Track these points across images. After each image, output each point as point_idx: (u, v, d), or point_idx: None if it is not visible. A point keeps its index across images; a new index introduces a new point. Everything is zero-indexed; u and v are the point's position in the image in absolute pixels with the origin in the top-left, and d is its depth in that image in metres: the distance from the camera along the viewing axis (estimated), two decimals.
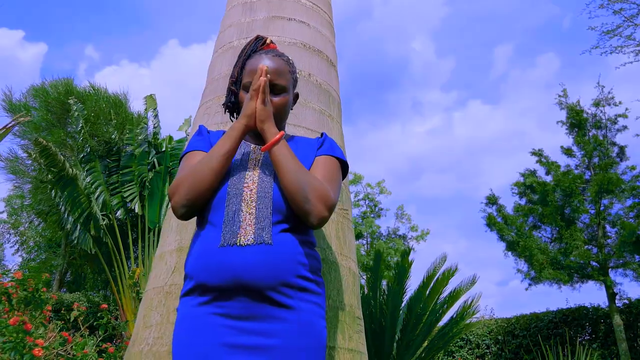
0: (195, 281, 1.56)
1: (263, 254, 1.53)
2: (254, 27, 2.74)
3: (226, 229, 1.57)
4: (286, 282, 1.54)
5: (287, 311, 1.53)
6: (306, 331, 1.55)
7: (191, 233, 2.31)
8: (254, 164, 1.72)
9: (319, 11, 2.95)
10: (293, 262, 1.57)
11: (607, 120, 13.64)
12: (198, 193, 1.60)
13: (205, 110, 2.62)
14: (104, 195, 11.83)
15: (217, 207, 1.62)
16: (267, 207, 1.61)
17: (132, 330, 9.78)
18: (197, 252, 1.60)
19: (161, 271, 2.33)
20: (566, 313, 13.72)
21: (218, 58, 2.79)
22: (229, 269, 1.51)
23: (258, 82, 1.68)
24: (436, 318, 5.55)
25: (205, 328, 1.50)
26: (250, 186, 1.64)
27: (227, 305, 1.51)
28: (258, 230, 1.56)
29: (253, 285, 1.50)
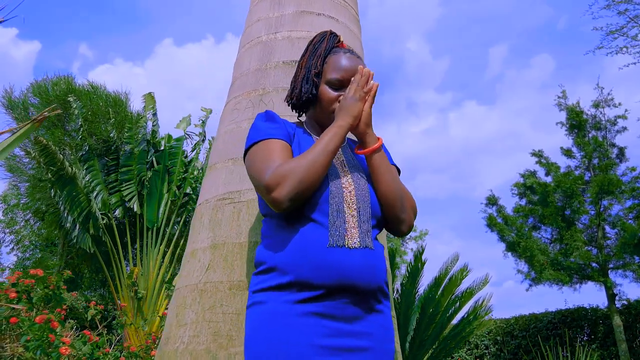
0: (293, 277, 1.51)
1: (368, 258, 1.55)
2: (283, 21, 2.71)
3: (333, 229, 1.55)
4: (381, 288, 1.59)
5: (377, 315, 1.58)
6: (389, 336, 1.61)
7: (225, 230, 2.27)
8: (342, 165, 1.71)
9: (346, 6, 2.92)
10: (384, 269, 1.61)
11: (607, 122, 13.70)
12: (307, 188, 1.53)
13: (234, 106, 2.58)
14: (103, 194, 11.78)
15: (319, 205, 1.58)
16: (366, 210, 1.62)
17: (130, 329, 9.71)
18: (297, 249, 1.55)
19: (194, 269, 2.29)
20: (565, 314, 13.77)
21: (246, 53, 2.76)
22: (338, 270, 1.50)
23: (370, 86, 1.67)
24: (448, 317, 5.54)
25: (303, 327, 1.47)
26: (348, 187, 1.63)
27: (329, 305, 1.50)
28: (362, 234, 1.57)
29: (360, 287, 1.52)
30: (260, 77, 2.56)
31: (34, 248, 20.32)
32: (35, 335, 2.72)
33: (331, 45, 1.85)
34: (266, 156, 1.62)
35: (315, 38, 1.90)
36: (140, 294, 10.86)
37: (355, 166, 1.72)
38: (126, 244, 12.30)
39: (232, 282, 2.15)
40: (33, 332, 2.75)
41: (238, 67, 2.78)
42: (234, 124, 2.49)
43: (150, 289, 11.09)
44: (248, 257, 2.18)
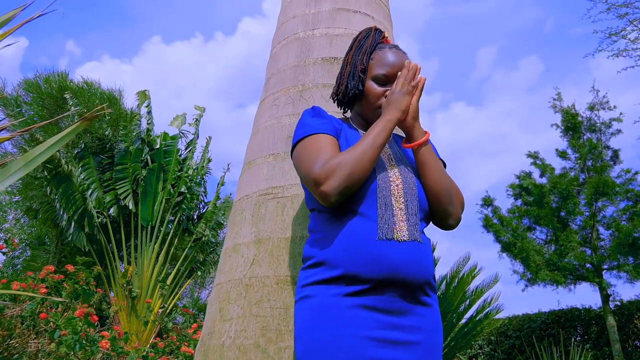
0: (342, 270, 1.52)
1: (417, 251, 1.55)
2: (320, 18, 2.72)
3: (381, 222, 1.55)
4: (429, 281, 1.59)
5: (426, 309, 1.58)
6: (438, 329, 1.61)
7: (268, 225, 2.27)
8: (389, 159, 1.71)
9: (380, 4, 2.93)
10: (431, 263, 1.62)
11: (602, 124, 13.84)
12: (355, 182, 1.53)
13: (273, 102, 2.58)
14: (98, 192, 11.70)
15: (367, 198, 1.59)
16: (414, 204, 1.62)
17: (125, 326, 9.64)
18: (345, 242, 1.55)
19: (237, 263, 2.29)
20: (559, 314, 13.89)
21: (283, 49, 2.76)
22: (387, 263, 1.50)
23: (417, 79, 1.68)
24: (458, 316, 5.57)
25: (352, 319, 1.47)
26: (396, 181, 1.64)
27: (378, 298, 1.50)
28: (410, 227, 1.57)
29: (409, 281, 1.52)
30: (299, 74, 2.57)
31: (24, 246, 20.10)
32: (72, 329, 2.68)
33: (376, 41, 1.86)
34: (315, 150, 1.63)
35: (360, 34, 1.91)
36: (134, 293, 10.79)
37: (402, 160, 1.73)
38: (120, 242, 12.22)
39: (279, 277, 2.16)
40: (71, 327, 2.71)
41: (274, 63, 2.78)
42: (274, 119, 2.49)
43: (144, 287, 11.03)
44: (294, 252, 2.18)
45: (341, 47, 2.60)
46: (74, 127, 2.40)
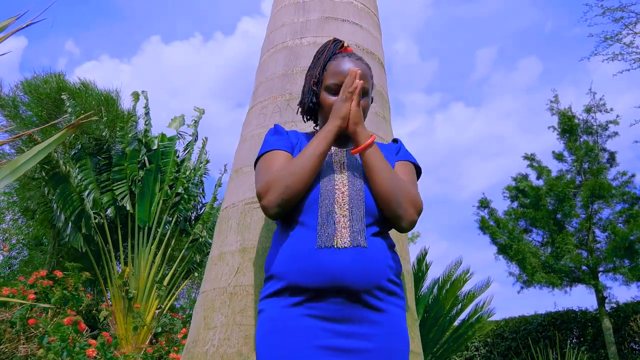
0: (286, 282, 1.55)
1: (359, 257, 1.53)
2: (309, 27, 2.73)
3: (322, 230, 1.56)
4: (380, 286, 1.56)
5: (378, 314, 1.54)
6: (394, 334, 1.57)
7: (254, 234, 2.29)
8: (340, 166, 1.71)
9: (369, 12, 2.95)
10: (384, 266, 1.59)
11: (598, 127, 13.87)
12: (293, 193, 1.58)
13: (260, 110, 2.60)
14: (95, 193, 11.71)
15: (308, 208, 1.61)
16: (360, 209, 1.61)
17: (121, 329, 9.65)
18: (287, 253, 1.58)
19: (222, 272, 2.30)
20: (555, 316, 13.91)
21: (271, 57, 2.77)
22: (327, 271, 1.50)
23: (354, 85, 1.68)
24: (450, 320, 5.59)
25: (298, 329, 1.49)
26: (342, 188, 1.64)
27: (321, 307, 1.51)
28: (353, 233, 1.56)
29: (350, 287, 1.50)
30: (286, 82, 2.58)
31: (21, 247, 20.10)
32: (60, 336, 2.71)
33: (332, 52, 1.88)
34: (264, 168, 1.70)
35: (320, 47, 1.94)
36: (131, 294, 10.80)
37: (355, 167, 1.73)
38: (117, 243, 12.23)
39: (262, 286, 2.17)
40: (59, 334, 2.73)
41: (262, 71, 2.79)
42: (262, 128, 2.51)
43: (141, 288, 11.03)
44: None
45: None
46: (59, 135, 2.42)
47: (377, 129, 2.57)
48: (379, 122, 2.61)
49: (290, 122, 2.45)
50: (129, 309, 10.67)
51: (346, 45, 1.96)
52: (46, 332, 2.79)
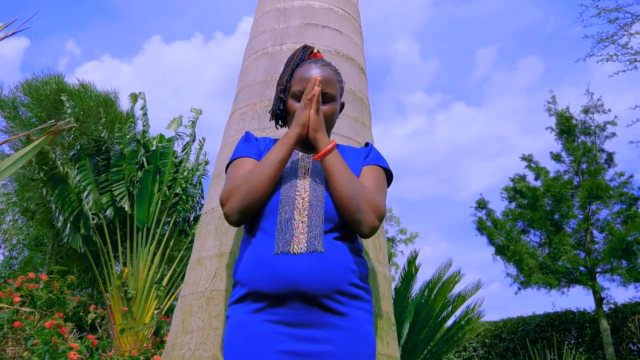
0: (248, 288, 1.58)
1: (316, 262, 1.55)
2: (289, 33, 2.75)
3: (279, 237, 1.59)
4: (339, 290, 1.57)
5: (340, 318, 1.56)
6: (358, 337, 1.57)
7: (231, 239, 2.32)
8: (304, 172, 1.74)
9: (350, 19, 2.97)
10: (345, 270, 1.60)
11: (596, 127, 13.87)
12: (253, 200, 1.61)
13: (240, 117, 2.62)
14: (94, 194, 11.75)
15: (269, 214, 1.64)
16: (319, 215, 1.63)
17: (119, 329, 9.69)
18: (249, 260, 1.62)
19: (200, 276, 2.33)
20: (553, 317, 13.92)
21: (251, 64, 2.80)
22: (283, 277, 1.53)
23: (312, 91, 1.70)
24: (440, 322, 5.61)
25: (260, 335, 1.52)
26: (302, 194, 1.66)
27: (282, 312, 1.53)
28: (311, 239, 1.58)
29: (307, 292, 1.52)
30: (266, 89, 2.61)
31: (22, 247, 20.18)
32: (43, 339, 2.74)
33: (300, 59, 1.91)
34: (230, 175, 1.75)
35: (291, 54, 1.97)
36: (130, 294, 10.84)
37: (320, 173, 1.74)
38: (116, 243, 12.27)
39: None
40: (42, 337, 2.77)
41: (243, 77, 2.82)
42: (240, 133, 2.53)
43: (140, 289, 11.08)
44: None
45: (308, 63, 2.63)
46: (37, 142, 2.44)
47: (356, 134, 2.60)
48: (357, 127, 2.63)
49: (269, 128, 2.48)
50: (128, 309, 10.71)
51: (316, 51, 1.98)
52: (31, 335, 2.83)
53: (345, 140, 2.53)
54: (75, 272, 15.56)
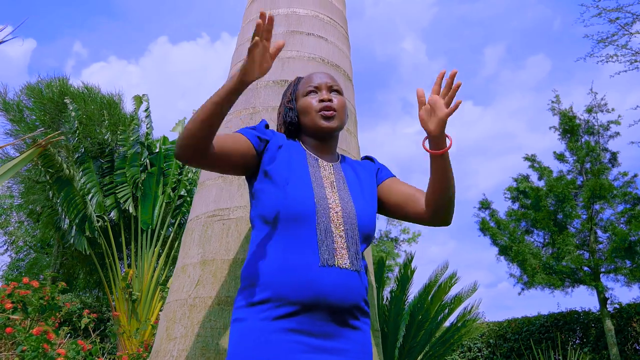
0: (272, 293, 1.55)
1: (350, 278, 1.60)
2: (274, 41, 2.77)
3: (322, 248, 1.59)
4: (358, 306, 1.62)
5: (354, 332, 1.61)
6: (366, 351, 1.64)
7: (214, 247, 2.34)
8: (330, 184, 1.74)
9: (335, 25, 2.99)
10: (363, 287, 1.66)
11: (600, 127, 13.82)
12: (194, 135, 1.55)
13: (225, 124, 2.63)
14: (98, 196, 11.83)
15: (303, 221, 1.62)
16: (354, 232, 1.67)
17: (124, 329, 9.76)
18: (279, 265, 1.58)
19: (184, 284, 2.36)
20: (557, 317, 13.87)
21: None
22: (318, 288, 1.54)
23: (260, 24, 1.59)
24: (437, 324, 5.62)
25: (279, 344, 1.51)
26: (335, 208, 1.67)
27: (306, 321, 1.54)
28: (351, 256, 1.62)
29: (337, 305, 1.56)
30: (250, 96, 2.63)
31: (28, 249, 20.32)
32: (31, 346, 2.79)
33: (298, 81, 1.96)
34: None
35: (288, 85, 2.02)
36: (134, 296, 10.92)
37: (343, 185, 1.76)
38: (121, 245, 12.35)
39: (220, 298, 2.22)
40: (29, 343, 2.82)
41: None
42: None
43: (144, 290, 11.15)
44: (236, 274, 2.24)
45: (293, 70, 2.66)
46: (27, 154, 2.48)
47: (342, 141, 2.61)
48: (343, 135, 2.65)
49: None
50: (133, 311, 10.79)
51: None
52: (17, 341, 2.87)
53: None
54: (81, 274, 15.68)
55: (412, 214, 1.82)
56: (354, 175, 1.86)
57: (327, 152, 1.86)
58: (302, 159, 1.77)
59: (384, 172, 1.93)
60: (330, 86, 1.87)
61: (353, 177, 1.84)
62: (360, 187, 1.81)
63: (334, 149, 1.90)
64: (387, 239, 22.89)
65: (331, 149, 1.88)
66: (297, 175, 1.70)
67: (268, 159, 1.75)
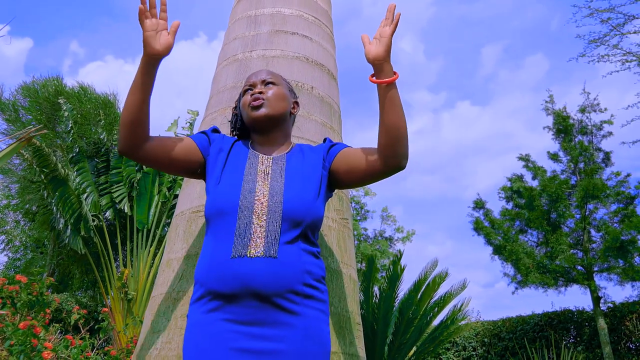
0: (205, 288, 1.65)
1: (270, 265, 1.62)
2: (259, 40, 2.82)
3: (237, 240, 1.65)
4: (292, 290, 1.63)
5: (293, 317, 1.62)
6: (311, 336, 1.63)
7: (198, 241, 2.39)
8: (264, 176, 1.79)
9: (320, 25, 3.04)
10: (299, 271, 1.66)
11: (593, 127, 13.88)
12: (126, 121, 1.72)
13: (210, 122, 2.69)
14: (93, 195, 11.84)
15: (226, 217, 1.71)
16: (276, 220, 1.69)
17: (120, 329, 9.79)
18: (206, 261, 1.69)
19: (168, 278, 2.40)
20: (551, 316, 13.92)
21: (223, 70, 2.87)
22: (237, 277, 1.60)
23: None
24: (427, 322, 5.66)
25: (216, 334, 1.58)
26: (262, 199, 1.72)
27: (236, 311, 1.60)
28: (267, 244, 1.65)
29: (261, 291, 1.59)
30: (235, 95, 2.67)
31: (24, 249, 20.32)
32: (18, 340, 2.83)
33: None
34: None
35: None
36: (130, 296, 10.95)
37: (279, 176, 1.80)
38: (116, 245, 12.37)
39: None
40: (17, 337, 2.86)
41: (215, 83, 2.89)
42: None
43: (140, 290, 11.17)
44: None
45: (277, 68, 2.70)
46: (10, 148, 2.51)
47: (324, 138, 2.66)
48: (325, 132, 2.69)
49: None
50: (128, 310, 10.82)
51: None
52: (7, 336, 2.91)
53: (312, 144, 2.59)
54: (77, 274, 15.69)
55: (366, 168, 1.83)
56: (300, 162, 1.88)
57: (273, 144, 1.93)
58: (243, 158, 1.86)
59: (337, 147, 1.95)
60: (264, 80, 1.95)
61: (297, 165, 1.86)
62: (301, 173, 1.84)
63: (283, 139, 1.96)
64: (381, 238, 22.90)
65: (277, 140, 1.94)
66: (231, 174, 1.80)
67: (210, 162, 1.87)
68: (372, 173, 1.82)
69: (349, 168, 1.86)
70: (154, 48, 1.72)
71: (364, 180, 1.86)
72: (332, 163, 1.90)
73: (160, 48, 1.72)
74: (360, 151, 1.87)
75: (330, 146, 1.97)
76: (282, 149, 1.93)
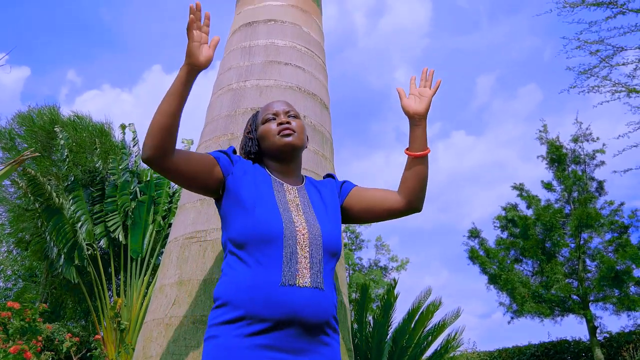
0: (244, 311, 1.63)
1: (317, 296, 1.68)
2: (252, 70, 2.89)
3: (286, 269, 1.68)
4: (329, 322, 1.71)
5: (325, 348, 1.69)
6: None
7: (191, 267, 2.40)
8: (296, 207, 1.84)
9: (313, 56, 3.11)
10: (332, 305, 1.75)
11: (586, 156, 14.00)
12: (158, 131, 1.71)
13: (204, 150, 2.74)
14: (88, 224, 11.81)
15: (273, 244, 1.72)
16: (319, 252, 1.76)
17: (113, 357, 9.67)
18: (249, 285, 1.67)
19: (161, 303, 2.41)
20: (548, 346, 13.85)
21: (217, 99, 2.93)
22: (289, 306, 1.62)
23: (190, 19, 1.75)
24: (421, 350, 5.63)
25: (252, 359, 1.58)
26: (302, 231, 1.76)
27: (276, 337, 1.61)
28: (313, 275, 1.70)
29: (308, 321, 1.64)
30: (229, 123, 2.73)
31: (16, 278, 20.12)
32: None
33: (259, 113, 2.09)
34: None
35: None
36: (123, 325, 10.83)
37: (308, 207, 1.86)
38: (110, 274, 12.29)
39: (196, 317, 2.28)
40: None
41: (210, 112, 2.94)
42: None
43: (133, 320, 11.06)
44: (211, 293, 2.31)
45: (270, 98, 2.76)
46: (4, 171, 2.55)
47: (316, 166, 2.71)
48: (318, 160, 2.74)
49: None
50: (121, 341, 10.70)
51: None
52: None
53: (305, 172, 2.63)
54: (69, 303, 15.54)
55: (386, 210, 1.99)
56: (318, 196, 1.96)
57: (290, 175, 1.97)
58: (268, 184, 1.88)
59: (348, 185, 2.06)
60: (288, 112, 2.00)
61: (317, 198, 1.94)
62: (324, 207, 1.91)
63: (298, 171, 2.01)
64: (375, 267, 22.82)
65: (295, 171, 1.99)
66: (264, 199, 1.81)
67: (233, 182, 1.86)
68: (393, 212, 1.99)
69: (367, 206, 2.00)
70: (198, 59, 1.76)
71: (381, 218, 2.02)
72: (345, 200, 2.02)
73: (202, 59, 1.77)
74: (379, 191, 2.01)
75: (342, 183, 2.08)
76: (298, 180, 1.99)
